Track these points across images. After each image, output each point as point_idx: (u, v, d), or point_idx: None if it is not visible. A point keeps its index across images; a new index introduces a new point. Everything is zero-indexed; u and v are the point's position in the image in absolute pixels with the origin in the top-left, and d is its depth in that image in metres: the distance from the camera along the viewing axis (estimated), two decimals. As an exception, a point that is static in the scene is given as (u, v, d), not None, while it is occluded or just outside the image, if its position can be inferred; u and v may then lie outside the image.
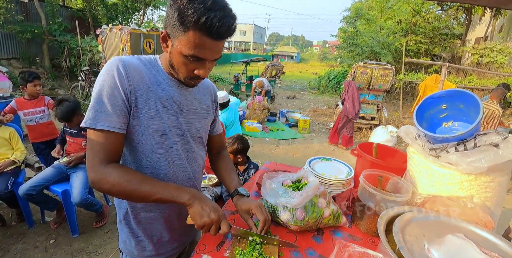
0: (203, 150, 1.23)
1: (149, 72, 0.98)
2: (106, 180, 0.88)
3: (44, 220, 2.97)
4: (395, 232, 0.92)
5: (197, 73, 0.93)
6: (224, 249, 1.00)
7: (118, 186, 0.88)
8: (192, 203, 0.92)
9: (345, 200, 1.34)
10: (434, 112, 1.30)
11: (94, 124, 0.87)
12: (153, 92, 0.96)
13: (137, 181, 0.90)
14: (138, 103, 0.94)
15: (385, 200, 1.11)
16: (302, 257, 1.00)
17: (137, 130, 0.96)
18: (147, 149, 1.00)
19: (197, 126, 1.12)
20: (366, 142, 1.69)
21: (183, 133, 1.06)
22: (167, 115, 1.00)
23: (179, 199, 0.91)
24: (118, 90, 0.89)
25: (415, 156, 1.24)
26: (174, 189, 0.93)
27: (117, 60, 0.92)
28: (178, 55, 0.89)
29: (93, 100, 0.89)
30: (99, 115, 0.88)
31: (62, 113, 2.65)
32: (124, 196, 0.94)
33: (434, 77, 7.46)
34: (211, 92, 1.24)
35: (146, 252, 1.15)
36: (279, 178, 1.27)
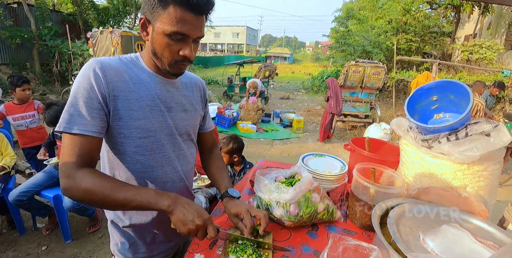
0: (193, 148, 1.20)
1: (130, 71, 0.95)
2: (78, 186, 0.81)
3: (35, 227, 2.90)
4: (389, 223, 0.91)
5: (182, 53, 0.89)
6: (217, 247, 0.98)
7: (91, 193, 0.81)
8: (173, 209, 0.83)
9: (339, 195, 1.32)
10: (425, 104, 1.30)
11: (68, 128, 0.83)
12: (135, 92, 0.93)
13: (110, 188, 0.82)
14: (118, 105, 0.90)
15: (379, 193, 1.10)
16: (297, 253, 0.99)
17: (120, 132, 0.93)
18: (133, 152, 0.96)
19: (185, 123, 1.09)
20: (359, 137, 1.69)
21: (171, 132, 1.03)
22: (152, 114, 0.96)
23: (158, 206, 0.83)
24: (95, 92, 0.85)
25: (408, 148, 1.23)
26: (152, 196, 0.84)
27: (94, 62, 0.89)
28: (161, 37, 0.85)
29: (68, 104, 0.85)
30: (74, 119, 0.84)
31: (51, 117, 2.59)
32: (99, 204, 0.84)
33: (426, 74, 7.53)
34: (200, 87, 1.21)
35: (140, 254, 1.12)
36: (272, 174, 1.25)
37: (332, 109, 6.33)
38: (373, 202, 1.11)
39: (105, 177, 0.87)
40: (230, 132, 6.80)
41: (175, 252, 1.27)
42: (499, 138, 0.94)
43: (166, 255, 1.20)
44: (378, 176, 1.26)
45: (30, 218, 2.92)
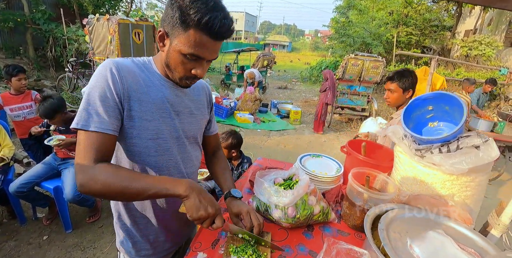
0: (198, 151, 1.25)
1: (143, 74, 0.99)
2: (96, 180, 0.84)
3: (36, 217, 2.94)
4: (380, 229, 0.98)
5: (194, 72, 0.93)
6: (219, 246, 1.05)
7: (109, 186, 0.84)
8: (188, 194, 0.87)
9: (334, 197, 1.39)
10: (421, 113, 1.35)
11: (86, 125, 0.86)
12: (147, 94, 0.97)
13: (128, 178, 0.86)
14: (131, 105, 0.94)
15: (372, 198, 1.17)
16: (293, 253, 1.06)
17: (131, 132, 0.96)
18: (141, 152, 1.00)
19: (192, 127, 1.14)
20: (355, 140, 1.75)
21: (178, 135, 1.08)
22: (161, 117, 1.00)
23: (175, 191, 0.86)
24: (111, 92, 0.89)
25: (402, 156, 1.29)
26: (169, 182, 0.88)
27: (110, 63, 0.92)
28: (177, 54, 0.89)
29: (84, 102, 0.88)
30: (91, 117, 0.87)
31: (46, 110, 2.53)
32: (117, 195, 0.89)
33: (424, 69, 7.56)
34: (206, 92, 1.24)
35: (143, 252, 1.18)
36: (271, 175, 1.31)
37: (328, 99, 6.55)
38: (366, 206, 1.18)
39: (120, 168, 0.92)
40: (228, 122, 6.85)
41: (176, 250, 1.34)
42: (488, 153, 1.01)
43: (169, 253, 1.27)
44: (372, 180, 1.32)
45: (30, 208, 2.94)
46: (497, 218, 1.22)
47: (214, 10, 0.82)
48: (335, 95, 6.81)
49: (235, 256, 0.97)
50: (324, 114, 6.73)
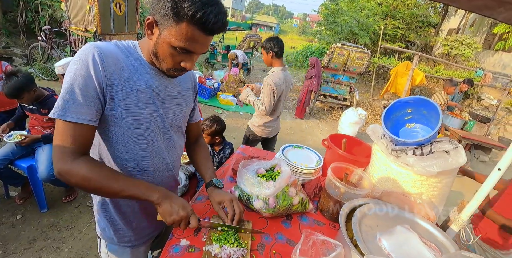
0: (182, 139, 1.24)
1: (127, 60, 0.94)
2: (75, 173, 0.86)
3: (8, 196, 2.84)
4: (353, 223, 1.05)
5: (183, 65, 0.91)
6: (202, 234, 1.09)
7: (87, 181, 0.87)
8: (161, 202, 0.93)
9: (313, 188, 1.47)
10: (401, 114, 1.43)
11: (63, 115, 0.84)
12: (131, 82, 0.93)
13: (107, 177, 0.89)
14: (114, 94, 0.90)
15: (349, 192, 1.24)
16: (272, 241, 1.13)
17: (114, 121, 0.94)
18: (124, 141, 0.99)
19: (177, 116, 1.12)
20: (336, 134, 1.81)
21: (162, 124, 1.06)
22: (146, 106, 0.98)
23: (149, 197, 0.93)
24: (92, 81, 0.85)
25: (378, 154, 1.37)
26: (144, 188, 0.93)
27: (92, 47, 0.87)
28: (166, 46, 0.86)
29: (63, 90, 0.84)
30: (69, 106, 0.84)
31: (10, 89, 2.33)
32: (93, 191, 0.96)
33: (406, 64, 7.74)
34: (192, 79, 1.22)
35: (126, 238, 1.20)
36: (254, 166, 1.35)
37: (313, 87, 6.69)
38: (342, 199, 1.26)
39: (101, 166, 0.93)
40: (210, 103, 6.79)
41: (157, 234, 1.37)
42: (456, 159, 1.09)
43: (150, 237, 1.30)
44: (349, 175, 1.40)
45: (1, 186, 2.85)
46: (458, 215, 1.34)
47: (209, 4, 0.79)
48: (320, 83, 6.91)
49: (217, 244, 1.02)
50: (307, 101, 6.86)
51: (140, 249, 1.28)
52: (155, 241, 1.43)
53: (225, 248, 1.00)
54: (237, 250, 1.00)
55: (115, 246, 1.23)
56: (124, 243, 1.21)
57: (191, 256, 1.00)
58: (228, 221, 1.10)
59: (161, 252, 1.39)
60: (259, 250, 1.08)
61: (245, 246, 1.04)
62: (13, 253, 2.25)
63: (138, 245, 1.25)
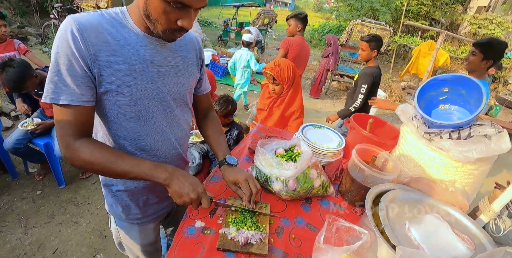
0: (189, 113, 1.14)
1: (114, 30, 0.84)
2: (78, 157, 0.83)
3: (28, 172, 2.91)
4: (380, 209, 0.98)
5: (180, 24, 0.79)
6: (218, 216, 1.04)
7: (91, 164, 0.84)
8: (169, 183, 0.88)
9: (334, 170, 1.39)
10: (435, 94, 1.30)
11: (55, 98, 0.78)
12: (120, 56, 0.83)
13: (111, 159, 0.84)
14: (102, 71, 0.82)
15: (374, 176, 1.16)
16: (291, 225, 1.07)
17: (107, 99, 0.87)
18: (121, 119, 0.92)
19: (179, 88, 1.01)
20: (360, 114, 1.71)
21: (162, 98, 0.96)
22: (140, 80, 0.88)
23: (156, 179, 0.87)
24: (76, 58, 0.77)
25: (409, 136, 1.27)
26: (150, 168, 0.87)
27: (70, 22, 0.77)
28: (158, 2, 0.75)
29: (50, 71, 0.78)
30: (59, 88, 0.78)
31: (10, 82, 2.21)
32: (98, 173, 0.92)
33: (429, 43, 7.37)
34: (195, 46, 1.09)
35: (133, 215, 1.16)
36: (272, 145, 1.28)
37: (330, 65, 6.41)
38: (366, 183, 1.18)
39: (103, 148, 0.87)
40: (223, 81, 6.68)
41: (169, 212, 1.33)
42: (499, 145, 0.98)
43: (161, 215, 1.25)
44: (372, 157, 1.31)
45: (20, 163, 2.92)
46: (489, 205, 1.24)
47: None
48: (337, 62, 6.63)
49: (234, 227, 0.96)
50: (323, 80, 6.63)
51: (148, 226, 1.25)
52: (167, 219, 1.41)
53: (243, 232, 0.95)
54: (255, 233, 0.95)
55: (124, 222, 1.20)
56: (132, 220, 1.18)
57: (206, 238, 0.95)
58: (245, 202, 1.04)
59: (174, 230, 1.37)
60: (277, 234, 1.02)
61: (263, 230, 0.99)
62: (33, 227, 2.32)
63: (147, 222, 1.22)
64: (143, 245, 1.29)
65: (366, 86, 2.85)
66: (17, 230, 2.28)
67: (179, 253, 0.90)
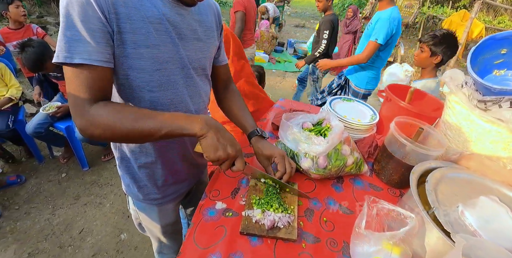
0: (208, 85, 1.04)
1: None
2: (97, 123, 0.69)
3: (53, 155, 2.99)
4: (428, 190, 0.84)
5: None
6: (240, 196, 0.94)
7: (112, 129, 0.70)
8: (205, 133, 0.74)
9: (367, 147, 1.25)
10: (490, 57, 1.11)
11: (69, 57, 0.66)
12: (139, 10, 0.72)
13: (134, 118, 0.71)
14: (120, 26, 0.70)
15: (416, 153, 1.01)
16: (321, 207, 0.95)
17: (125, 62, 0.75)
18: (140, 87, 0.80)
19: (200, 55, 0.91)
20: (395, 84, 1.53)
21: (183, 65, 0.85)
22: (162, 41, 0.77)
23: (190, 130, 0.73)
24: (93, 8, 0.66)
25: (457, 107, 1.09)
26: (182, 119, 0.74)
27: None
28: None
29: (61, 28, 0.66)
30: (74, 45, 0.66)
31: (30, 62, 2.23)
32: (122, 138, 0.76)
33: (462, 13, 6.80)
34: (214, 11, 0.99)
35: (152, 195, 1.08)
36: (299, 119, 1.15)
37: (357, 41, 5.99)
38: (406, 160, 1.04)
39: (123, 107, 0.75)
40: (241, 60, 6.47)
41: (188, 192, 1.25)
42: None
43: (179, 195, 1.18)
44: (412, 131, 1.16)
45: (45, 147, 2.98)
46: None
47: None
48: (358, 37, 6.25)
49: (259, 209, 0.86)
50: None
51: (168, 207, 1.18)
52: (187, 198, 1.34)
53: (268, 214, 0.84)
54: (282, 216, 0.84)
55: (142, 203, 1.13)
56: (150, 201, 1.10)
57: (228, 221, 0.85)
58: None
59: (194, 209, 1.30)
60: (307, 216, 0.91)
61: (292, 212, 0.88)
62: (60, 208, 2.40)
63: (165, 203, 1.14)
64: (163, 225, 1.23)
65: (328, 31, 3.31)
66: (45, 211, 2.35)
67: (200, 236, 0.81)
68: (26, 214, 2.30)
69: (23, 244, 2.04)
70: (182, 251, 0.78)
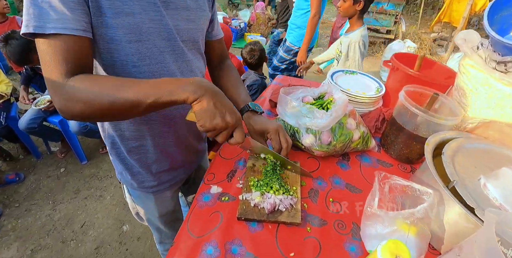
0: (201, 61, 0.93)
1: None
2: (74, 99, 0.60)
3: (50, 151, 2.94)
4: (445, 162, 0.75)
5: None
6: (237, 179, 0.86)
7: (92, 103, 0.60)
8: (200, 96, 0.61)
9: (373, 121, 1.15)
10: (508, 14, 0.99)
11: (40, 27, 0.57)
12: None
13: (115, 87, 0.61)
14: None
15: (429, 123, 0.92)
16: (327, 186, 0.87)
17: (104, 34, 0.66)
18: (123, 61, 0.71)
19: (189, 26, 0.80)
20: (402, 53, 1.41)
21: (170, 36, 0.75)
22: (143, 9, 0.68)
23: (179, 95, 0.60)
24: None
25: (473, 71, 0.99)
26: (170, 83, 0.62)
27: None
28: None
29: None
30: (45, 13, 0.56)
31: (16, 55, 2.11)
32: (105, 114, 0.64)
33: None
34: None
35: (146, 183, 1.00)
36: (298, 94, 1.05)
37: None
38: (418, 132, 0.95)
39: (103, 77, 0.66)
40: (237, 45, 6.30)
41: (187, 178, 1.17)
42: None
43: (177, 182, 1.10)
44: (424, 100, 1.06)
45: (42, 143, 2.92)
46: None
47: None
48: None
49: (257, 191, 0.77)
50: None
51: (165, 195, 1.10)
52: (186, 186, 1.28)
53: (268, 196, 0.76)
54: (284, 198, 0.76)
55: (137, 191, 1.06)
56: (145, 189, 1.03)
57: (225, 207, 0.77)
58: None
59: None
60: (311, 198, 0.83)
61: (294, 194, 0.79)
62: (61, 203, 2.36)
63: (162, 191, 1.06)
64: (161, 214, 1.16)
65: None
66: (46, 207, 2.32)
67: (193, 225, 0.74)
68: (27, 211, 2.27)
69: (26, 241, 2.01)
70: (176, 240, 0.71)
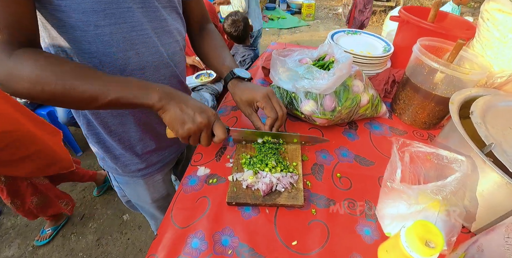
0: (180, 22, 0.79)
1: None
2: (18, 76, 0.51)
3: None
4: (476, 123, 0.62)
5: None
6: (226, 157, 0.73)
7: (41, 86, 0.51)
8: (165, 105, 0.58)
9: (382, 84, 1.00)
10: None
11: None
12: None
13: (74, 74, 0.53)
14: None
15: (451, 80, 0.77)
16: (333, 160, 0.74)
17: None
18: (83, 22, 0.57)
19: None
20: (411, 6, 1.23)
21: None
22: None
23: (145, 100, 0.57)
24: None
25: (500, 16, 0.83)
26: (136, 86, 0.58)
27: None
28: None
29: None
30: None
31: None
32: (55, 100, 0.56)
33: None
34: None
35: (132, 166, 0.89)
36: (294, 56, 0.89)
37: None
38: (438, 91, 0.80)
39: (60, 59, 0.55)
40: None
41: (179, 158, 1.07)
42: None
43: (168, 162, 0.98)
44: (440, 56, 0.90)
45: None
46: None
47: None
48: None
49: (250, 170, 0.64)
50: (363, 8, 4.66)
51: (156, 178, 0.99)
52: (179, 168, 1.17)
53: (263, 175, 0.63)
54: (282, 176, 0.63)
55: (124, 177, 0.95)
56: (132, 173, 0.91)
57: (213, 190, 0.65)
58: (267, 128, 0.72)
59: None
60: (315, 174, 0.70)
61: (294, 170, 0.66)
62: None
63: (151, 174, 0.95)
64: (154, 200, 1.06)
65: None
66: None
67: (178, 213, 0.62)
68: (26, 207, 2.19)
69: (26, 237, 1.95)
70: (159, 232, 0.60)
